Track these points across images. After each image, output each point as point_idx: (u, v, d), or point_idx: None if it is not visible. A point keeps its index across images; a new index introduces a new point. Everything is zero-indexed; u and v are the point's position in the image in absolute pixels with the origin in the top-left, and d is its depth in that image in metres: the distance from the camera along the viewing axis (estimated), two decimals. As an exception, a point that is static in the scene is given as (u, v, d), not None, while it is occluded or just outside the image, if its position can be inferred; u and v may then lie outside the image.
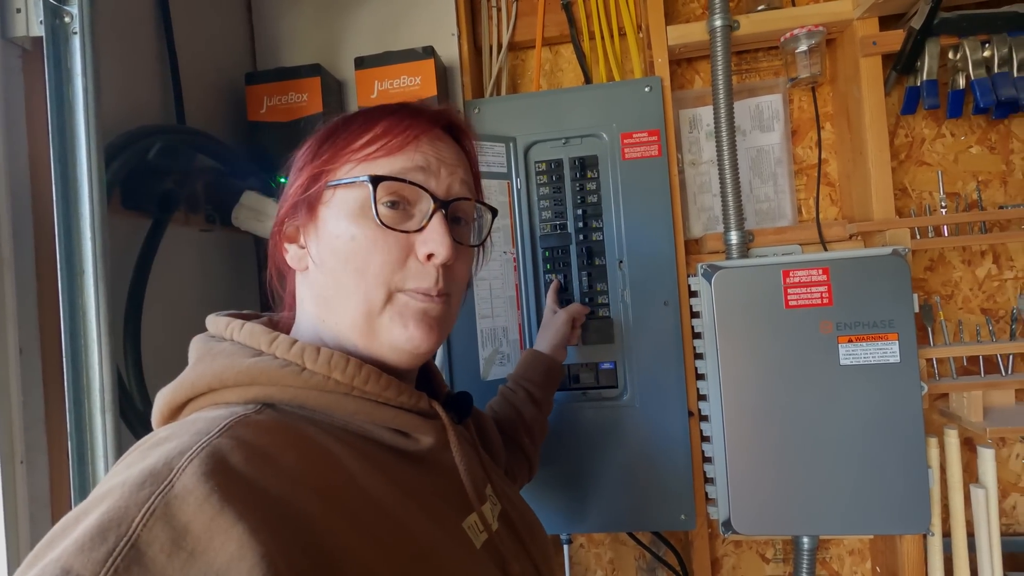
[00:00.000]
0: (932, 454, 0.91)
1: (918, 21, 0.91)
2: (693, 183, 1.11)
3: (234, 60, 1.05)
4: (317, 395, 0.40)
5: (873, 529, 0.87)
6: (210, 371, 0.40)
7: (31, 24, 0.62)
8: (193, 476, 0.30)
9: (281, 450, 0.35)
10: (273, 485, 0.33)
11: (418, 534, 0.39)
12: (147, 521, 0.29)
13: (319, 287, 0.45)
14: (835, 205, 1.09)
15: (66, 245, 0.61)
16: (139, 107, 0.81)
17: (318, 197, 0.45)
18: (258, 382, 0.39)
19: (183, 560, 0.28)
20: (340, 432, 0.40)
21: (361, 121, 0.46)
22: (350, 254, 0.43)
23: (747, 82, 1.11)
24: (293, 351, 0.41)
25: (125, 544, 0.28)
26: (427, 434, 0.44)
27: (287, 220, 0.47)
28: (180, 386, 0.41)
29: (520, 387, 0.80)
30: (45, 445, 0.62)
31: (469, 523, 0.45)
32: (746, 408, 0.89)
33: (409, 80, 0.97)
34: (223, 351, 0.41)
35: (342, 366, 0.40)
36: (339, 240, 0.43)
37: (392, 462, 0.42)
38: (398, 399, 0.42)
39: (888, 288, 0.85)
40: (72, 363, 0.60)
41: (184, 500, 0.29)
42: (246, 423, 0.36)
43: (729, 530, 0.90)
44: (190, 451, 0.32)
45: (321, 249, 0.44)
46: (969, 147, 1.05)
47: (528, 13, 1.13)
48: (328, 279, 0.44)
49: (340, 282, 0.43)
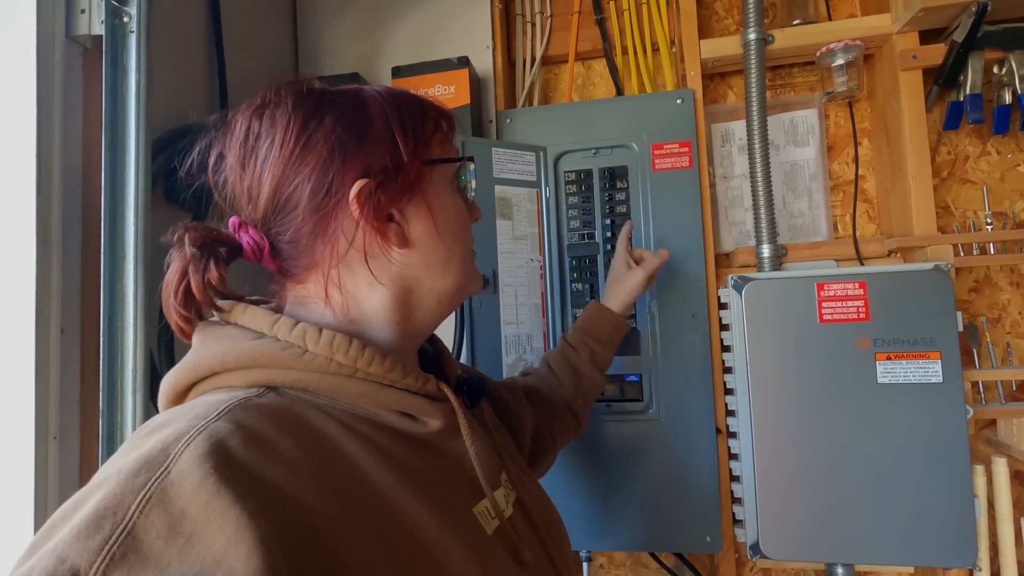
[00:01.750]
0: (979, 483, 0.86)
1: (960, 35, 0.89)
2: (724, 197, 1.10)
3: (278, 66, 1.10)
4: (320, 378, 0.40)
5: (914, 560, 0.82)
6: (211, 354, 0.39)
7: (93, 23, 0.66)
8: (189, 460, 0.30)
9: (280, 434, 0.35)
10: (271, 469, 0.32)
11: (422, 519, 0.38)
12: (143, 508, 0.29)
13: (429, 259, 0.46)
14: (873, 222, 1.06)
15: (111, 231, 0.64)
16: (186, 106, 0.85)
17: (419, 176, 0.45)
18: (259, 364, 0.39)
19: (180, 545, 0.28)
20: (344, 416, 0.40)
21: (422, 109, 0.47)
22: (458, 223, 0.49)
23: (781, 97, 1.10)
24: (295, 333, 0.40)
25: (121, 532, 0.28)
26: (434, 417, 0.43)
27: (382, 201, 0.43)
28: (183, 370, 0.40)
29: (584, 345, 0.79)
30: (78, 424, 0.64)
31: (480, 509, 0.44)
32: (777, 425, 0.85)
33: (444, 89, 0.99)
34: (225, 334, 0.41)
35: (344, 347, 0.40)
36: (448, 212, 0.48)
37: (398, 446, 0.41)
38: (404, 381, 0.42)
39: (930, 304, 0.81)
40: (108, 344, 0.62)
41: (180, 485, 0.29)
42: (245, 407, 0.36)
43: (757, 554, 0.85)
44: (187, 436, 0.32)
45: (437, 221, 0.46)
46: (1017, 165, 1.01)
47: (562, 28, 1.15)
48: (440, 249, 0.47)
49: (451, 249, 0.47)
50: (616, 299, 0.82)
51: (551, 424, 0.72)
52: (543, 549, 0.49)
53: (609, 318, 0.81)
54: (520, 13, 1.14)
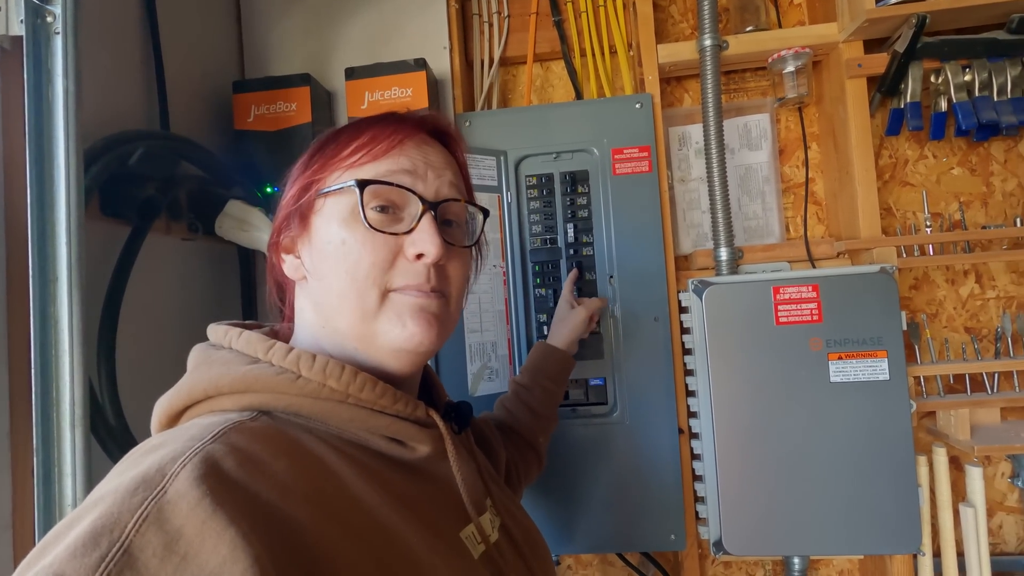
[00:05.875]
0: (921, 472, 0.91)
1: (902, 45, 0.93)
2: (682, 199, 1.12)
3: (222, 67, 1.03)
4: (312, 403, 0.40)
5: (863, 549, 0.87)
6: (206, 378, 0.40)
7: (11, 23, 0.60)
8: (186, 481, 0.30)
9: (273, 457, 0.35)
10: (264, 491, 0.33)
11: (411, 543, 0.38)
12: (140, 527, 0.29)
13: (316, 295, 0.45)
14: (822, 223, 1.11)
15: (39, 250, 0.58)
16: (122, 111, 0.79)
17: (310, 207, 0.45)
18: (253, 389, 0.39)
19: (176, 564, 0.28)
20: (335, 440, 0.40)
21: (349, 131, 0.47)
22: (341, 258, 0.43)
23: (735, 101, 1.12)
24: (289, 359, 0.41)
25: (118, 550, 0.28)
26: (423, 443, 0.44)
27: (282, 232, 0.47)
28: (177, 393, 0.41)
29: (537, 384, 0.79)
30: (9, 462, 0.59)
31: (466, 533, 0.44)
32: (737, 425, 0.88)
33: (400, 92, 0.96)
34: (220, 359, 0.42)
35: (337, 373, 0.40)
36: (331, 246, 0.44)
37: (387, 471, 0.42)
38: (394, 407, 0.42)
39: (876, 305, 0.85)
40: (41, 374, 0.57)
41: (176, 505, 0.30)
42: (240, 429, 0.36)
43: (720, 551, 0.88)
44: (183, 457, 0.32)
45: (314, 257, 0.45)
46: (951, 168, 1.07)
47: (520, 29, 1.13)
48: (323, 286, 0.44)
49: (334, 288, 0.43)
50: (560, 336, 0.85)
51: (517, 462, 0.72)
52: (528, 574, 0.49)
53: (556, 355, 0.82)
54: (477, 13, 1.12)
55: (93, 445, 0.60)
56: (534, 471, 0.77)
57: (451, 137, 0.51)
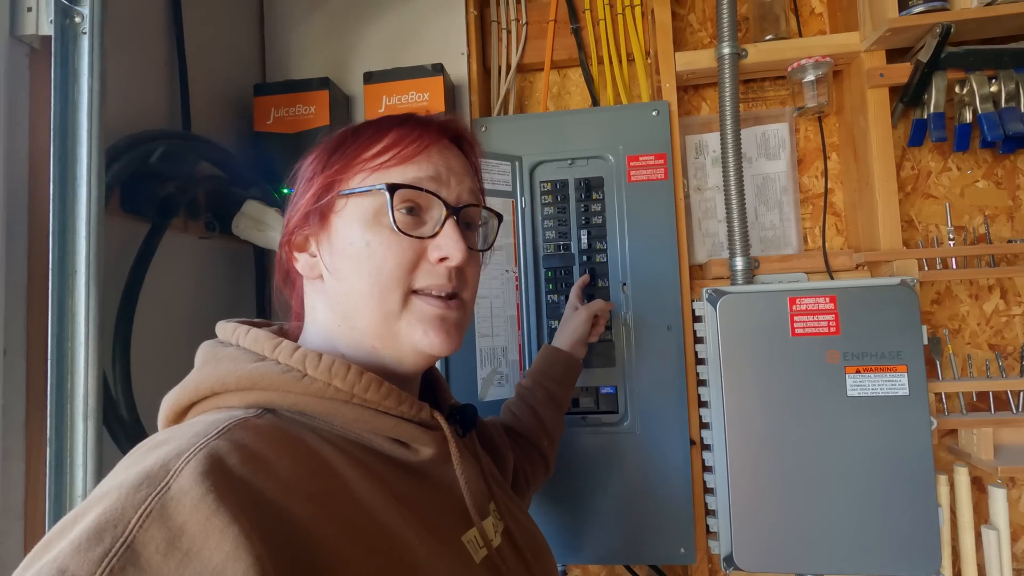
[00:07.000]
0: (941, 492, 0.88)
1: (925, 55, 0.91)
2: (698, 208, 1.10)
3: (243, 70, 1.05)
4: (317, 402, 0.40)
5: (880, 569, 0.84)
6: (213, 375, 0.40)
7: (41, 23, 0.61)
8: (189, 477, 0.31)
9: (277, 455, 0.35)
10: (268, 488, 0.33)
11: (412, 545, 0.38)
12: (143, 522, 0.29)
13: (335, 295, 0.45)
14: (841, 235, 1.09)
15: (60, 244, 0.59)
16: (145, 111, 0.80)
17: (331, 206, 0.46)
18: (259, 387, 0.40)
19: (178, 560, 0.28)
20: (339, 440, 0.40)
21: (371, 131, 0.47)
22: (365, 259, 0.43)
23: (753, 110, 1.11)
24: (295, 357, 0.41)
25: (121, 545, 0.28)
26: (427, 445, 0.44)
27: (297, 230, 0.47)
28: (184, 390, 0.41)
29: (540, 386, 0.78)
30: (23, 452, 0.60)
31: (468, 537, 0.44)
32: (750, 437, 0.86)
33: (417, 96, 0.97)
34: (227, 356, 0.42)
35: (342, 373, 0.40)
36: (353, 247, 0.44)
37: (390, 473, 0.42)
38: (398, 408, 0.42)
39: (896, 319, 0.83)
40: (57, 366, 0.58)
41: (180, 501, 0.30)
42: (244, 426, 0.36)
43: (731, 566, 0.86)
44: (187, 453, 0.32)
45: (335, 257, 0.45)
46: (976, 181, 1.04)
47: (537, 36, 1.14)
48: (344, 286, 0.45)
49: (356, 288, 0.44)
50: (563, 338, 0.85)
51: (524, 466, 0.72)
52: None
53: (560, 357, 0.82)
54: (495, 20, 1.13)
55: (105, 438, 0.61)
56: (541, 476, 0.76)
57: (468, 142, 0.52)
